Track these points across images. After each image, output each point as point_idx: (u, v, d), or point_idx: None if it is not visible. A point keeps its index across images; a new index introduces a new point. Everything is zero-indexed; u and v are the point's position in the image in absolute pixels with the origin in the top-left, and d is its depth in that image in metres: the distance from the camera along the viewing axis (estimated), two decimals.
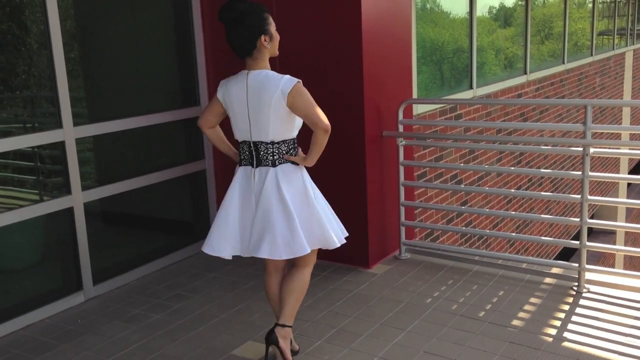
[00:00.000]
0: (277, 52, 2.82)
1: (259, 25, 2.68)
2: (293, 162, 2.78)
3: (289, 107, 2.68)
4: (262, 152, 2.74)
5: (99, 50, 3.98)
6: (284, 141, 2.75)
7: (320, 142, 2.72)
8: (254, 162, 2.77)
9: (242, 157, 2.83)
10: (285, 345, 2.83)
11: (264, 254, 2.70)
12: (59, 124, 3.62)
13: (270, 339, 2.81)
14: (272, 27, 2.75)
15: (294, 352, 3.03)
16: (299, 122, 2.79)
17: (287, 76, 2.70)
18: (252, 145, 2.77)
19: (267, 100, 2.66)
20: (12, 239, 3.55)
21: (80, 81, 3.84)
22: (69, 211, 3.72)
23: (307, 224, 2.74)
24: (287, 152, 2.77)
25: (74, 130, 3.68)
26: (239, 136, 2.81)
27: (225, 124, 2.91)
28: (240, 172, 2.83)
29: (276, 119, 2.69)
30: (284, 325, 2.83)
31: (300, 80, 2.70)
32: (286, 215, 2.70)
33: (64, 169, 3.69)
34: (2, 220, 3.39)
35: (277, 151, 2.74)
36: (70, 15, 3.73)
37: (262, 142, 2.73)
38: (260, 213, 2.72)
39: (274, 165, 2.74)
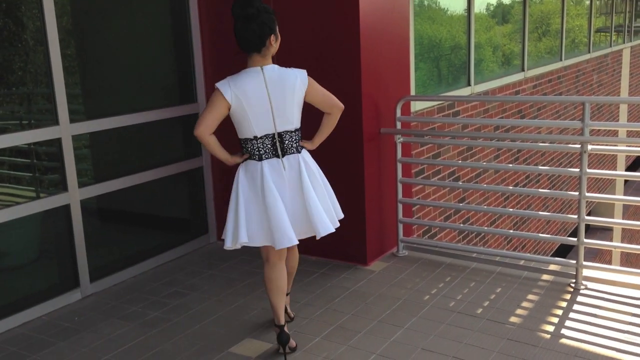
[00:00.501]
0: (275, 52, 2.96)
1: (271, 26, 2.83)
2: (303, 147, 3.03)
3: (306, 94, 2.91)
4: (286, 142, 2.89)
5: (95, 47, 3.97)
6: (300, 128, 2.96)
7: (334, 122, 3.05)
8: (280, 153, 2.88)
9: (261, 152, 2.87)
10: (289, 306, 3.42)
11: (326, 231, 2.90)
12: (55, 121, 3.60)
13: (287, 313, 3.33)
14: (278, 29, 2.90)
15: (291, 349, 3.05)
16: None
17: (294, 68, 2.92)
18: (275, 136, 2.86)
19: (291, 90, 2.85)
20: (9, 236, 3.53)
21: (76, 78, 3.83)
22: (66, 208, 3.71)
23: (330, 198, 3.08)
24: (300, 138, 2.97)
25: (70, 127, 3.66)
26: (259, 131, 2.85)
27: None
28: (267, 166, 2.86)
29: (298, 107, 2.91)
30: (288, 294, 3.35)
31: None
32: (324, 191, 2.99)
33: (60, 166, 3.67)
34: None
35: (297, 138, 2.94)
36: (66, 11, 3.71)
37: (287, 132, 2.89)
38: (306, 197, 2.88)
39: (298, 151, 2.94)
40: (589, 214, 10.35)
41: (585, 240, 3.68)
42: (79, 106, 3.84)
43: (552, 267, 3.88)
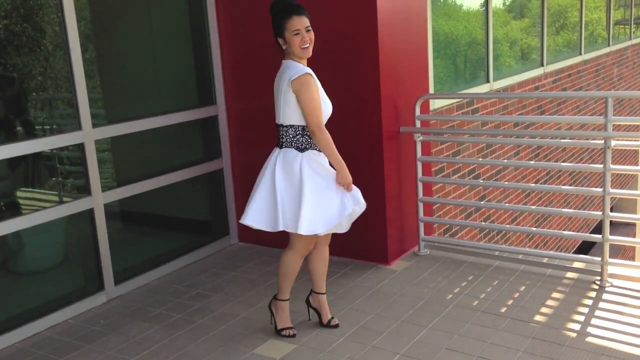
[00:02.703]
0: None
1: (274, 29, 3.10)
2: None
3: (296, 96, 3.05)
4: (282, 135, 3.09)
5: (114, 51, 4.01)
6: (296, 126, 3.06)
7: (321, 145, 3.06)
8: (279, 144, 3.11)
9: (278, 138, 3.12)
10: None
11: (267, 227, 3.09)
12: (78, 126, 3.64)
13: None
14: (281, 32, 3.08)
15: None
16: None
17: (303, 67, 3.06)
18: (278, 127, 3.12)
19: (280, 87, 3.05)
20: (34, 240, 3.58)
21: (97, 82, 3.87)
22: (90, 212, 3.75)
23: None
24: (300, 138, 3.08)
25: (92, 131, 3.70)
26: (277, 119, 3.12)
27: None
28: (275, 152, 3.12)
29: (287, 105, 3.05)
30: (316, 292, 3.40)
31: None
32: (296, 197, 3.03)
33: (83, 170, 3.71)
34: (24, 222, 3.42)
35: (291, 134, 3.07)
36: (86, 16, 3.75)
37: (281, 125, 3.08)
38: (276, 192, 3.05)
39: (294, 147, 3.07)
40: (610, 210, 10.18)
41: (611, 237, 3.63)
42: (100, 110, 3.88)
43: (576, 264, 3.84)
